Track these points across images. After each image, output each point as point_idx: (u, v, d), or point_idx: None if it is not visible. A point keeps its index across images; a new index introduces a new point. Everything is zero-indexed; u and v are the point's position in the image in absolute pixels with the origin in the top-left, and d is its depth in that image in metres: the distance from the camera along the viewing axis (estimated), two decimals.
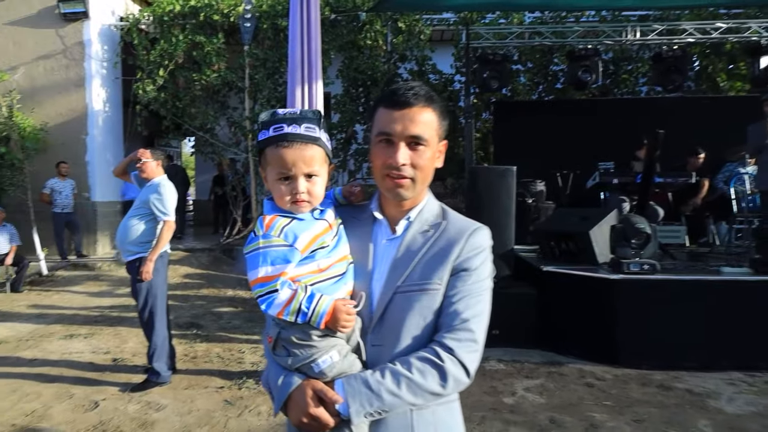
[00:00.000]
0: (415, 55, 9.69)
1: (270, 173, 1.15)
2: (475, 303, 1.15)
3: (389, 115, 1.15)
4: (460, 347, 1.10)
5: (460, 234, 1.18)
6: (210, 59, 9.30)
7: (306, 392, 1.08)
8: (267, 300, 1.10)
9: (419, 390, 1.07)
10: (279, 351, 1.15)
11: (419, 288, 1.15)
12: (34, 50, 9.45)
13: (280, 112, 1.16)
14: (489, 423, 3.33)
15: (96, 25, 9.55)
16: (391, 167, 1.14)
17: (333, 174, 8.07)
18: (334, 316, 1.09)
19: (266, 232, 1.12)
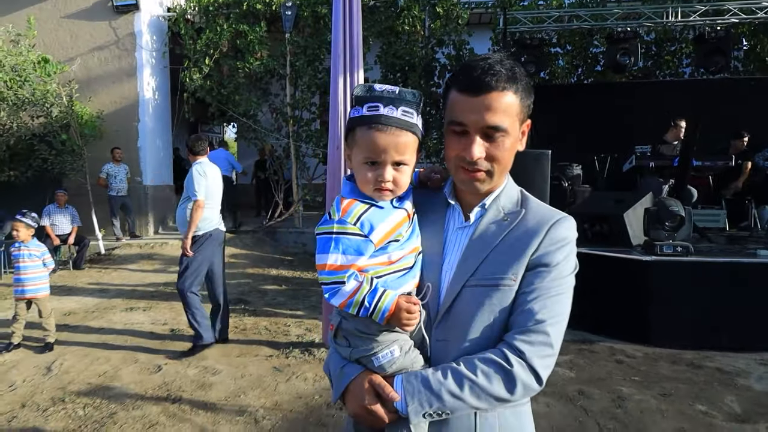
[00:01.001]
0: (452, 39, 9.74)
1: (356, 154, 1.08)
2: (553, 303, 1.04)
3: (464, 102, 1.04)
4: (532, 351, 1.01)
5: (540, 224, 1.07)
6: (253, 47, 9.61)
7: (364, 385, 1.05)
8: (332, 290, 1.06)
9: (483, 394, 1.00)
10: (340, 340, 1.12)
11: (491, 283, 1.06)
12: (89, 42, 9.97)
13: (377, 88, 1.07)
14: None
15: (146, 17, 9.99)
16: (465, 160, 1.05)
17: None
18: (397, 314, 1.03)
19: (342, 217, 1.06)
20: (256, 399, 3.48)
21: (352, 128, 1.08)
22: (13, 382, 3.76)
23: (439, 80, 9.78)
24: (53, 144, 8.70)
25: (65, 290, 6.60)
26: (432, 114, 9.82)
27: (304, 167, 10.01)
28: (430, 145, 9.66)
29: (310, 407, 3.36)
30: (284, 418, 3.22)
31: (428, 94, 9.74)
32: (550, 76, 9.78)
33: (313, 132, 9.83)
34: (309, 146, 9.76)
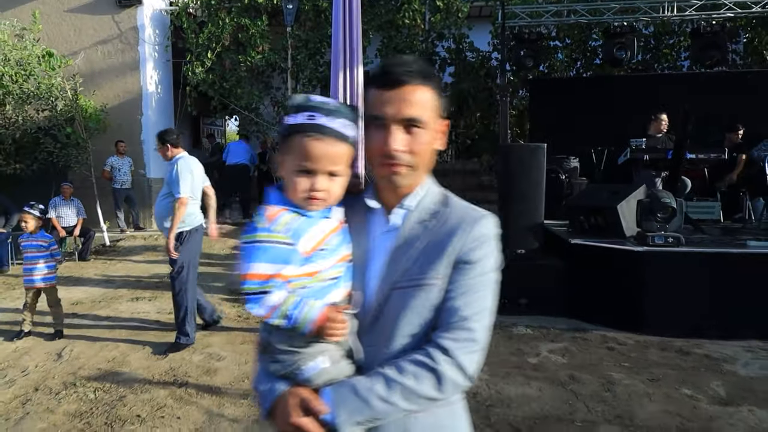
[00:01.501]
0: (452, 33, 9.82)
1: (290, 162, 1.06)
2: (477, 299, 1.05)
3: (381, 96, 1.05)
4: (457, 348, 1.01)
5: (461, 223, 1.08)
6: (254, 41, 9.70)
7: (290, 401, 1.01)
8: (256, 300, 1.02)
9: (413, 396, 1.00)
10: (266, 355, 1.09)
11: (416, 284, 1.06)
12: (92, 36, 10.07)
13: (315, 98, 1.07)
14: (512, 378, 3.66)
15: (148, 11, 10.08)
16: (386, 154, 1.05)
17: None
18: (323, 324, 1.01)
19: (269, 225, 1.04)
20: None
21: (288, 135, 1.06)
22: (26, 367, 3.91)
23: (440, 73, 9.87)
24: (58, 137, 8.82)
25: (72, 281, 6.75)
26: None
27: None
28: None
29: None
30: None
31: None
32: (549, 70, 9.86)
33: None
34: None
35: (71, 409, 3.26)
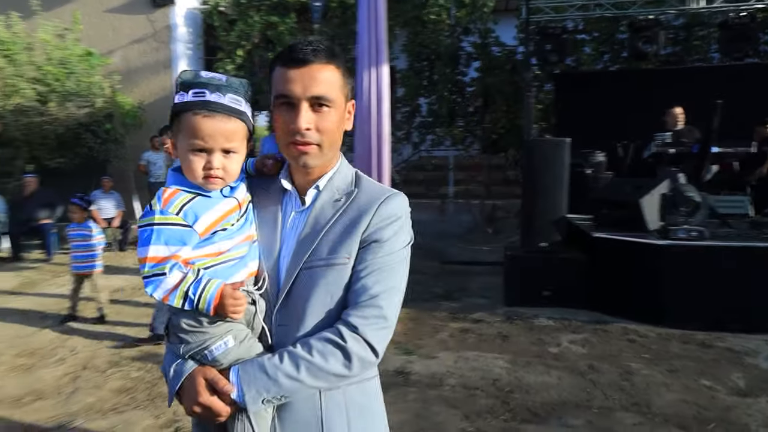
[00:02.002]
0: (478, 28, 9.86)
1: (182, 142, 1.04)
2: (386, 277, 1.07)
3: (287, 74, 1.04)
4: (365, 324, 1.03)
5: (370, 203, 1.09)
6: (283, 38, 9.92)
7: (197, 381, 1.01)
8: (153, 282, 1.01)
9: (321, 372, 1.01)
10: (172, 338, 1.08)
11: (325, 263, 1.07)
12: (128, 35, 10.44)
13: (204, 74, 1.04)
14: (533, 367, 3.78)
15: (181, 10, 10.39)
16: (294, 133, 1.04)
17: (397, 146, 8.45)
18: (223, 303, 1.01)
19: (164, 207, 1.02)
20: None
21: (176, 114, 1.04)
22: (74, 347, 4.21)
23: (465, 68, 9.93)
24: (98, 133, 9.21)
25: (113, 269, 7.08)
26: (458, 102, 10.00)
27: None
28: (456, 133, 9.86)
29: None
30: None
31: (454, 82, 9.92)
32: (575, 63, 9.81)
33: None
34: None
35: (116, 386, 3.52)
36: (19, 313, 5.24)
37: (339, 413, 1.08)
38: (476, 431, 2.91)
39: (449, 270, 6.86)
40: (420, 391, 3.41)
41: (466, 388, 3.44)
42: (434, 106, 9.95)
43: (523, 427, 2.96)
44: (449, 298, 5.59)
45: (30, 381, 3.63)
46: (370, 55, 4.78)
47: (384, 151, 4.70)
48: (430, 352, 4.06)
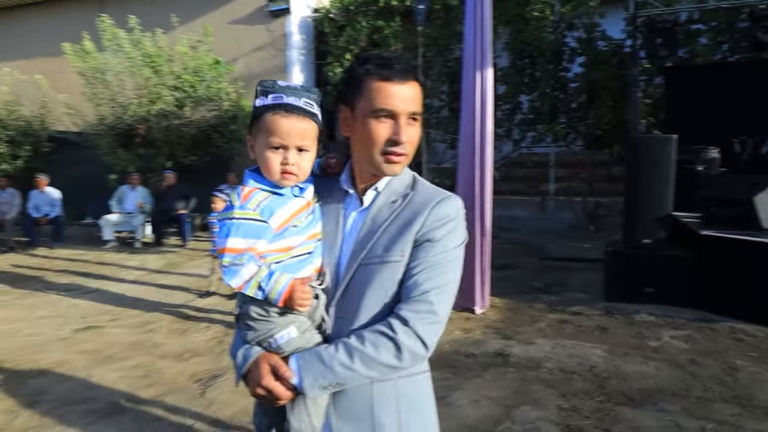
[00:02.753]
0: (583, 22, 9.71)
1: (261, 141, 1.14)
2: (438, 274, 1.13)
3: (390, 90, 1.11)
4: (416, 319, 1.09)
5: (424, 204, 1.16)
6: (388, 41, 10.43)
7: (261, 366, 1.10)
8: (231, 271, 1.10)
9: (373, 363, 1.07)
10: (242, 324, 1.17)
11: (380, 260, 1.14)
12: (250, 44, 11.49)
13: (280, 82, 1.15)
14: (631, 357, 3.90)
15: (296, 19, 11.26)
16: (394, 144, 1.12)
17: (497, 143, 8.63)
18: (292, 296, 1.10)
19: (243, 203, 1.12)
20: None
21: (257, 117, 1.15)
22: (216, 317, 4.95)
23: (569, 64, 9.82)
24: (224, 133, 10.28)
25: None
26: (560, 98, 9.92)
27: (433, 152, 10.68)
28: (558, 130, 9.80)
29: (441, 353, 4.04)
30: None
31: (557, 78, 9.85)
32: (689, 55, 9.33)
33: (443, 119, 10.44)
34: (438, 132, 10.40)
35: None
36: (168, 288, 6.18)
37: (389, 405, 1.15)
38: (572, 408, 3.14)
39: (548, 266, 6.97)
40: (518, 371, 3.68)
41: (563, 371, 3.66)
42: (536, 103, 9.95)
43: (618, 408, 3.14)
44: (548, 291, 5.74)
45: (186, 342, 4.39)
46: (475, 55, 5.03)
47: (486, 150, 4.95)
48: (528, 338, 4.31)
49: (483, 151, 4.93)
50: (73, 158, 11.31)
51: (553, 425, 2.94)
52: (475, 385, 3.47)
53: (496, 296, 5.35)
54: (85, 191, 10.83)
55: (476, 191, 4.88)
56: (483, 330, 4.53)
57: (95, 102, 10.22)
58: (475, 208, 4.86)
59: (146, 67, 9.85)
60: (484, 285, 4.97)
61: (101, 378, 3.69)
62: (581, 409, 3.13)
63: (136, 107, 10.02)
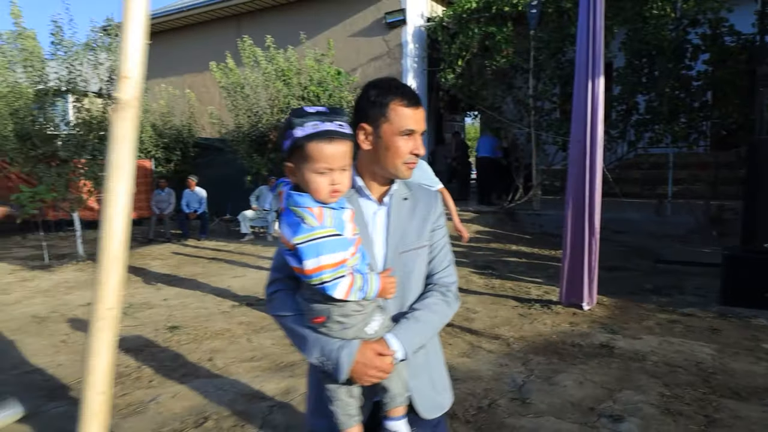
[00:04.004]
0: (708, 18, 9.31)
1: (309, 167, 1.22)
2: (448, 250, 1.56)
3: (412, 114, 1.40)
4: (451, 284, 1.53)
5: (431, 200, 1.53)
6: (500, 46, 10.71)
7: (367, 353, 1.30)
8: (336, 285, 1.22)
9: (439, 321, 1.48)
10: (333, 326, 1.30)
11: (416, 247, 1.47)
12: (367, 54, 12.35)
13: (308, 109, 1.24)
14: (740, 357, 3.97)
15: (410, 29, 11.92)
16: (414, 156, 1.42)
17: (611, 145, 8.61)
18: (384, 288, 1.32)
19: (321, 223, 1.22)
20: (507, 332, 4.65)
21: (299, 146, 1.23)
22: None
23: (691, 62, 9.46)
24: None
25: None
26: (681, 98, 9.58)
27: (543, 154, 10.79)
28: (677, 130, 9.47)
29: (548, 341, 4.39)
30: (528, 346, 4.32)
31: (677, 77, 9.52)
32: None
33: (553, 120, 10.51)
34: (549, 134, 10.49)
35: None
36: None
37: (429, 354, 1.53)
38: (674, 396, 3.37)
39: (663, 269, 6.92)
40: (623, 362, 3.93)
41: (668, 365, 3.86)
42: (654, 103, 9.68)
43: (721, 400, 3.31)
44: (659, 293, 5.78)
45: None
46: (588, 58, 5.19)
47: (597, 152, 5.14)
48: (634, 334, 4.50)
49: (593, 153, 5.12)
50: (214, 162, 12.88)
51: (653, 408, 3.20)
52: (580, 370, 3.79)
53: (604, 295, 5.53)
54: (224, 191, 12.35)
55: (585, 192, 5.09)
56: (589, 324, 4.78)
57: (235, 112, 11.62)
58: (584, 209, 5.08)
59: (278, 81, 11.02)
60: (592, 282, 5.18)
61: (259, 344, 4.51)
62: (683, 397, 3.35)
63: (269, 116, 11.24)
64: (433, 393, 1.52)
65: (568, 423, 3.05)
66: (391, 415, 1.39)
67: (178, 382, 3.76)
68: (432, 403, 1.51)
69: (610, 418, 3.09)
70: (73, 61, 8.13)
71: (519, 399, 3.36)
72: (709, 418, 3.09)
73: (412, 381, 1.44)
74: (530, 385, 3.56)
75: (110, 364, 1.26)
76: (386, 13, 11.87)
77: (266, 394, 3.53)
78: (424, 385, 1.49)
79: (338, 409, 1.34)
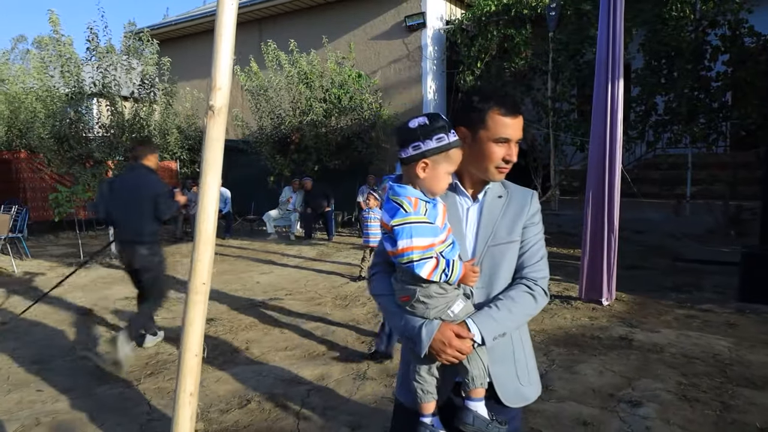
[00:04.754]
0: (727, 19, 9.36)
1: (441, 170, 1.42)
2: (541, 246, 1.58)
3: (508, 122, 1.46)
4: (540, 279, 1.55)
5: (525, 199, 1.59)
6: (518, 48, 10.85)
7: (446, 332, 1.40)
8: (422, 264, 1.36)
9: (523, 313, 1.51)
10: (417, 305, 1.43)
11: (506, 241, 1.53)
12: (387, 57, 12.57)
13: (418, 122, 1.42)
14: (757, 349, 4.10)
15: (430, 32, 12.10)
16: (507, 162, 1.49)
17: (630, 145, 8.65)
18: (466, 275, 1.42)
19: (416, 210, 1.39)
20: (529, 325, 4.81)
21: (433, 155, 1.41)
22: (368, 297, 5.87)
23: (710, 63, 9.51)
24: (364, 139, 11.43)
25: None
26: (700, 98, 9.64)
27: (561, 154, 10.90)
28: (696, 131, 9.53)
29: (568, 334, 4.56)
30: (549, 338, 4.50)
31: (697, 78, 9.58)
32: None
33: (572, 121, 10.62)
34: (567, 135, 10.60)
35: None
36: (325, 273, 7.30)
37: (518, 346, 1.59)
38: (691, 385, 3.52)
39: (681, 268, 7.02)
40: (641, 354, 4.09)
41: (686, 356, 4.01)
42: (672, 104, 9.75)
43: (737, 389, 3.46)
44: (678, 290, 5.90)
45: (349, 314, 5.36)
46: (608, 60, 5.32)
47: (616, 152, 5.29)
48: (652, 327, 4.65)
49: (612, 153, 5.26)
50: (237, 162, 13.20)
51: (670, 394, 3.37)
52: (600, 360, 3.96)
53: (623, 292, 5.67)
54: (247, 191, 12.67)
55: (605, 190, 5.24)
56: (609, 318, 4.94)
57: (258, 114, 11.93)
58: (604, 206, 5.23)
59: (301, 83, 11.30)
60: (611, 278, 5.33)
61: (291, 334, 4.75)
62: (700, 385, 3.50)
63: (291, 118, 11.53)
64: (517, 383, 1.57)
65: (588, 407, 3.23)
66: (471, 395, 1.48)
67: (219, 368, 4.01)
68: (514, 392, 1.57)
69: (629, 404, 3.26)
70: (107, 66, 8.48)
71: (542, 386, 3.54)
72: (725, 404, 3.24)
73: (494, 367, 1.51)
74: (552, 374, 3.74)
75: (202, 330, 1.49)
76: (406, 16, 12.07)
77: (304, 378, 3.76)
78: (507, 373, 1.55)
79: (418, 384, 1.48)
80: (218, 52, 1.44)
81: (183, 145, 13.17)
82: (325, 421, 3.18)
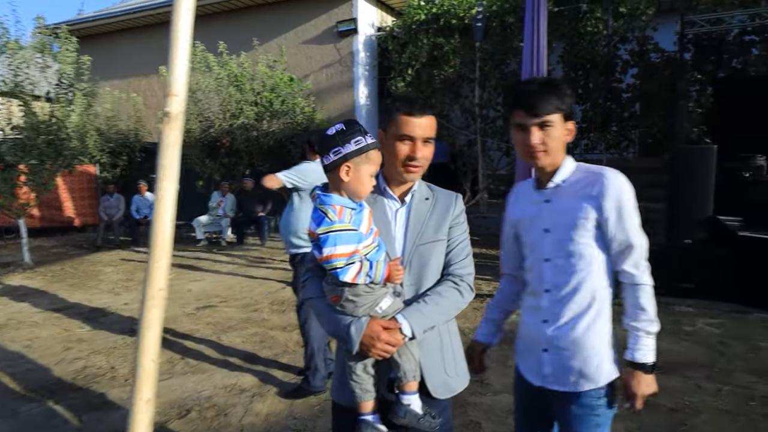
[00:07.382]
0: (635, 35, 10.16)
1: (362, 173, 1.48)
2: (466, 245, 1.68)
3: (411, 120, 1.55)
4: (466, 275, 1.65)
5: (449, 201, 1.69)
6: (448, 57, 11.21)
7: (375, 328, 1.46)
8: (346, 270, 1.43)
9: (451, 307, 1.59)
10: (346, 304, 1.49)
11: (434, 240, 1.62)
12: (319, 62, 12.58)
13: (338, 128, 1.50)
14: (664, 338, 4.46)
15: (362, 38, 12.24)
16: (411, 159, 1.56)
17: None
18: (391, 273, 1.49)
19: (340, 218, 1.45)
20: (463, 324, 5.02)
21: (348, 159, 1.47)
22: None
23: (621, 75, 10.29)
24: (297, 144, 11.33)
25: None
26: (612, 108, 10.40)
27: (489, 159, 11.37)
28: (609, 138, 10.27)
29: None
30: None
31: (609, 89, 10.34)
32: (743, 65, 9.62)
33: (498, 128, 11.11)
34: (494, 141, 11.07)
35: None
36: (259, 278, 7.20)
37: (445, 336, 1.68)
38: None
39: None
40: None
41: None
42: (589, 113, 10.46)
43: None
44: None
45: (287, 318, 5.34)
46: (532, 69, 5.66)
47: None
48: None
49: None
50: None
51: None
52: None
53: None
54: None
55: None
56: None
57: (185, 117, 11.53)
58: None
59: (231, 86, 11.06)
60: None
61: (229, 342, 4.68)
62: None
63: (221, 122, 11.25)
64: (445, 375, 1.66)
65: None
66: (405, 389, 1.54)
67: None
68: (442, 384, 1.65)
69: None
70: (19, 64, 7.93)
71: (479, 381, 3.72)
72: None
73: (423, 360, 1.58)
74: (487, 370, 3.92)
75: (159, 336, 1.49)
76: (338, 21, 12.15)
77: (244, 386, 3.72)
78: (435, 365, 1.63)
79: (356, 383, 1.53)
80: (174, 58, 1.45)
81: (103, 148, 12.50)
82: (269, 427, 3.18)
